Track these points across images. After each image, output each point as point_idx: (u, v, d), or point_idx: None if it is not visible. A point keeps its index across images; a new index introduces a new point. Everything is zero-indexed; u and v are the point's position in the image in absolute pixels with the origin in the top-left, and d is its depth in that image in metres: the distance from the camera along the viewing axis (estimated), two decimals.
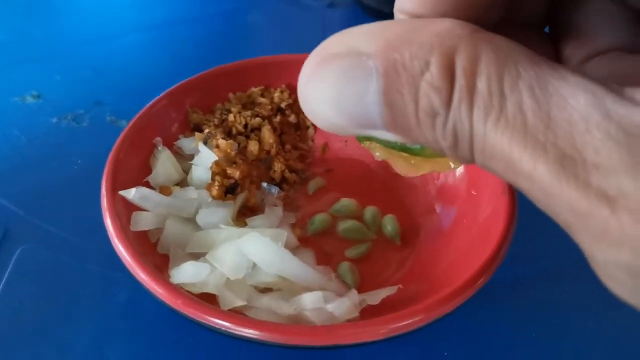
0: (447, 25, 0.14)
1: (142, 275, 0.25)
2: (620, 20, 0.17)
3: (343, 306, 0.25)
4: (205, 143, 0.32)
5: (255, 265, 0.26)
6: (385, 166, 0.35)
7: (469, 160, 0.14)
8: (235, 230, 0.28)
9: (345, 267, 0.29)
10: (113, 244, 0.26)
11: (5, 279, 0.30)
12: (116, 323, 0.29)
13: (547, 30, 0.20)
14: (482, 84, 0.13)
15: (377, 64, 0.14)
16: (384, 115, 0.15)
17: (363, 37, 0.15)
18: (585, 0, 0.17)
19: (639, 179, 0.12)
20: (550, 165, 0.13)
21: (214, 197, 0.30)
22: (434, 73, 0.13)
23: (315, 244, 0.31)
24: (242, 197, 0.31)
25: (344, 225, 0.32)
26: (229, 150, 0.32)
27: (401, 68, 0.14)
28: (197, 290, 0.25)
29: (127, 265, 0.25)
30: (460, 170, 0.32)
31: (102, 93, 0.43)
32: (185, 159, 0.33)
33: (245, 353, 0.27)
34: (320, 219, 0.32)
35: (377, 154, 0.19)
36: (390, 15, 0.18)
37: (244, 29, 0.53)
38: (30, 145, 0.39)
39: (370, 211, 0.32)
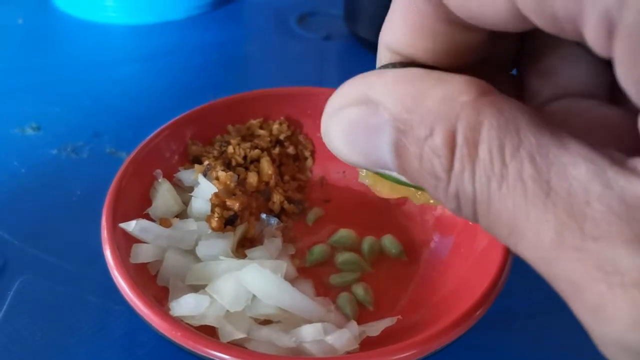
0: (454, 88, 0.14)
1: (141, 307, 0.25)
2: (587, 65, 0.18)
3: (342, 338, 0.25)
4: (205, 175, 0.32)
5: (254, 296, 0.26)
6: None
7: (474, 222, 0.15)
8: (234, 262, 0.28)
9: (344, 297, 0.30)
10: (112, 275, 0.26)
11: (4, 310, 0.30)
12: (114, 355, 0.29)
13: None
14: (483, 152, 0.13)
15: (390, 118, 0.15)
16: (394, 162, 0.16)
17: (380, 87, 0.16)
18: (554, 44, 0.18)
19: (635, 254, 0.12)
20: (551, 234, 0.13)
21: (213, 229, 0.30)
22: (437, 140, 0.14)
23: (314, 274, 0.31)
24: (241, 228, 0.31)
25: (342, 258, 0.32)
26: (228, 182, 0.32)
27: (410, 128, 0.15)
28: (196, 323, 0.25)
29: (126, 297, 0.25)
30: None
31: (101, 123, 0.44)
32: (184, 191, 0.33)
33: None
34: (319, 249, 0.32)
35: (378, 188, 0.20)
36: None
37: (241, 59, 0.54)
38: (29, 176, 0.39)
39: (367, 241, 0.33)
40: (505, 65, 0.20)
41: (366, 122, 0.16)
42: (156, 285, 0.28)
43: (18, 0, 0.60)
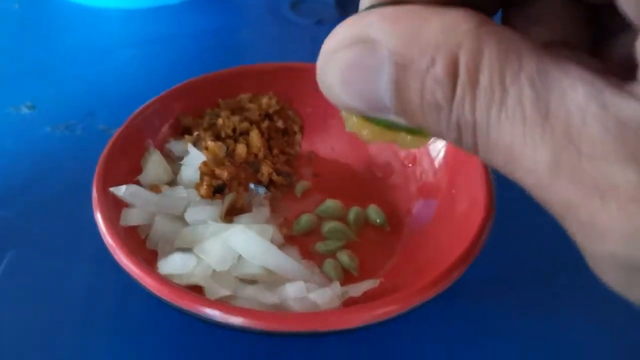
0: (453, 18, 0.14)
1: (131, 267, 0.25)
2: (570, 17, 0.18)
3: (325, 296, 0.26)
4: (195, 145, 0.33)
5: (240, 257, 0.27)
6: (369, 169, 0.36)
7: (473, 152, 0.15)
8: (222, 226, 0.29)
9: (329, 263, 0.30)
10: (102, 236, 0.27)
11: None
12: (104, 322, 0.29)
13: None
14: (484, 78, 0.14)
15: (389, 55, 0.15)
16: (393, 102, 0.15)
17: (377, 24, 0.15)
18: None
19: (629, 171, 0.12)
20: (548, 157, 0.13)
21: (202, 196, 0.31)
22: (438, 70, 0.14)
23: (301, 242, 0.32)
24: (229, 197, 0.32)
25: (328, 226, 0.33)
26: (217, 152, 0.33)
27: (410, 62, 0.14)
28: (183, 282, 0.26)
29: (116, 258, 0.26)
30: (440, 162, 0.33)
31: (95, 104, 0.44)
32: (174, 162, 0.34)
33: (232, 342, 0.28)
34: (306, 219, 0.33)
35: (364, 133, 0.20)
36: None
37: (234, 45, 0.54)
38: (21, 152, 0.39)
39: (353, 211, 0.33)
40: (489, 8, 0.21)
41: (364, 62, 0.15)
42: (146, 248, 0.29)
43: None
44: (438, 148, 0.33)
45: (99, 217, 0.27)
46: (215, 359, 0.27)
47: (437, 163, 0.33)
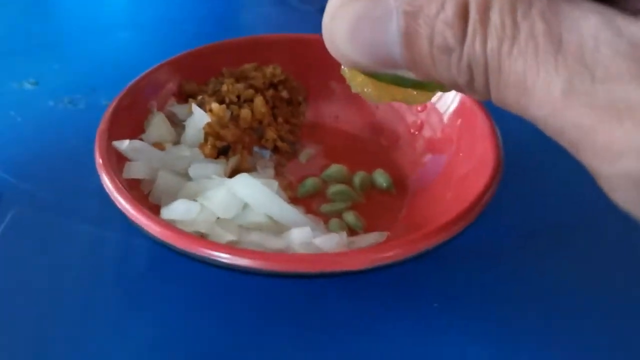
0: None
1: (135, 214, 0.25)
2: None
3: (331, 241, 0.25)
4: (199, 106, 0.33)
5: (244, 206, 0.27)
6: (375, 137, 0.36)
7: (485, 96, 0.15)
8: (227, 180, 0.28)
9: (335, 222, 0.30)
10: (105, 187, 0.26)
11: None
12: (106, 275, 0.29)
13: None
14: (494, 15, 0.14)
15: (397, 4, 0.15)
16: (403, 54, 0.15)
17: None
18: None
19: None
20: (561, 85, 0.13)
21: (206, 155, 0.31)
22: (448, 12, 0.14)
23: (306, 203, 0.31)
24: (234, 159, 0.32)
25: (333, 189, 0.32)
26: (221, 114, 0.32)
27: (419, 9, 0.14)
28: (187, 229, 0.26)
29: (119, 205, 0.26)
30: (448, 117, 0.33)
31: (98, 80, 0.44)
32: (178, 125, 0.33)
33: (239, 285, 0.27)
34: (311, 182, 0.32)
35: (369, 91, 0.20)
36: None
37: (234, 30, 0.55)
38: (25, 124, 0.39)
39: (359, 176, 0.33)
40: None
41: (372, 13, 0.15)
42: (149, 202, 0.28)
43: None
44: (447, 103, 0.33)
45: (101, 166, 0.27)
46: (222, 303, 0.27)
47: (445, 118, 0.33)
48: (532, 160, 0.35)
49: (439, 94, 0.33)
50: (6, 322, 0.26)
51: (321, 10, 0.17)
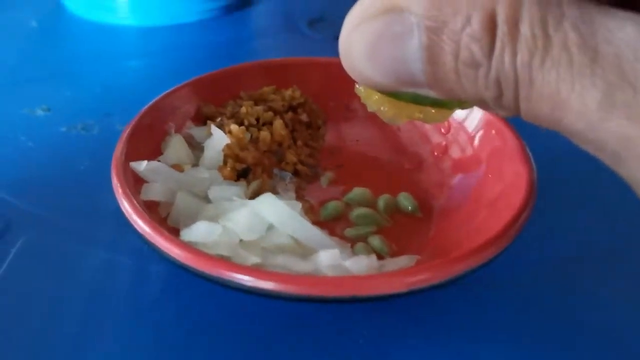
0: None
1: (154, 235, 0.23)
2: None
3: (361, 263, 0.24)
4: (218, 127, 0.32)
5: (267, 228, 0.25)
6: (397, 159, 0.35)
7: (514, 111, 0.15)
8: (249, 201, 0.27)
9: (360, 246, 0.28)
10: (122, 208, 0.25)
11: (5, 266, 0.29)
12: (122, 300, 0.27)
13: None
14: (524, 28, 0.13)
15: (418, 20, 0.14)
16: (425, 71, 0.15)
17: None
18: None
19: None
20: (599, 97, 0.13)
21: (225, 177, 0.30)
22: (475, 25, 0.14)
23: (329, 227, 0.30)
24: (255, 183, 0.30)
25: (357, 212, 0.31)
26: (241, 136, 0.31)
27: (442, 24, 0.14)
28: (208, 251, 0.24)
29: (138, 228, 0.24)
30: (478, 138, 0.32)
31: (112, 106, 0.43)
32: (196, 148, 0.32)
33: (262, 310, 0.26)
34: (334, 205, 0.31)
35: (385, 109, 0.19)
36: None
37: (246, 57, 0.54)
38: (36, 149, 0.38)
39: (383, 199, 0.32)
40: None
41: (392, 30, 0.15)
42: (167, 225, 0.27)
43: (32, 5, 0.61)
44: (474, 123, 0.32)
45: (118, 187, 0.26)
46: (244, 328, 0.25)
47: (472, 138, 0.32)
48: (564, 180, 0.34)
49: (463, 113, 0.33)
50: (18, 351, 0.25)
51: (332, 37, 0.16)
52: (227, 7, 0.59)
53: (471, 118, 0.32)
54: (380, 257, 0.28)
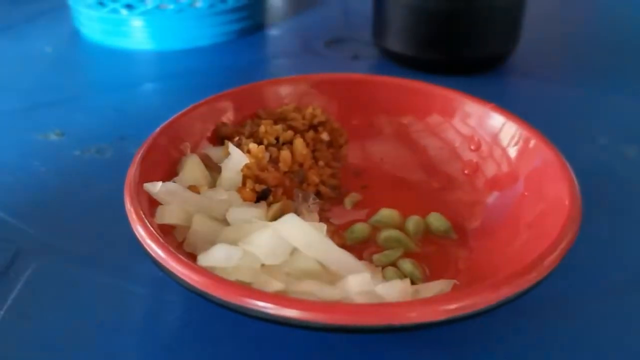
0: None
1: (169, 261, 0.22)
2: None
3: (394, 289, 0.22)
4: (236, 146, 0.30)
5: (291, 252, 0.23)
6: (425, 179, 0.33)
7: None
8: (270, 223, 0.25)
9: (391, 271, 0.26)
10: (136, 233, 0.24)
11: (14, 294, 0.27)
12: (139, 333, 0.25)
13: None
14: None
15: None
16: None
17: None
18: None
19: None
20: None
21: (244, 199, 0.28)
22: None
23: (356, 252, 0.28)
24: (276, 206, 0.29)
25: (385, 234, 0.29)
26: (260, 155, 0.30)
27: None
28: (228, 277, 0.22)
29: (152, 253, 0.22)
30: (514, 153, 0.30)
31: (126, 130, 0.42)
32: (212, 169, 0.31)
33: (285, 340, 0.24)
34: (360, 227, 0.29)
35: None
36: (423, 61, 0.17)
37: (262, 78, 0.53)
38: (48, 173, 0.37)
39: (412, 220, 0.30)
40: None
41: None
42: (184, 252, 0.25)
43: (47, 31, 0.61)
44: (508, 139, 0.30)
45: (131, 211, 0.24)
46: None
47: (507, 155, 0.30)
48: (608, 199, 0.32)
49: (496, 125, 0.31)
50: None
51: (354, 58, 0.15)
52: (241, 31, 0.58)
53: (505, 132, 0.30)
54: (412, 282, 0.26)
